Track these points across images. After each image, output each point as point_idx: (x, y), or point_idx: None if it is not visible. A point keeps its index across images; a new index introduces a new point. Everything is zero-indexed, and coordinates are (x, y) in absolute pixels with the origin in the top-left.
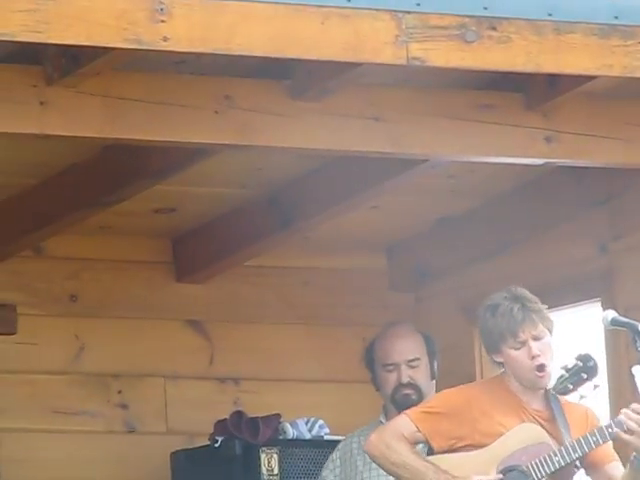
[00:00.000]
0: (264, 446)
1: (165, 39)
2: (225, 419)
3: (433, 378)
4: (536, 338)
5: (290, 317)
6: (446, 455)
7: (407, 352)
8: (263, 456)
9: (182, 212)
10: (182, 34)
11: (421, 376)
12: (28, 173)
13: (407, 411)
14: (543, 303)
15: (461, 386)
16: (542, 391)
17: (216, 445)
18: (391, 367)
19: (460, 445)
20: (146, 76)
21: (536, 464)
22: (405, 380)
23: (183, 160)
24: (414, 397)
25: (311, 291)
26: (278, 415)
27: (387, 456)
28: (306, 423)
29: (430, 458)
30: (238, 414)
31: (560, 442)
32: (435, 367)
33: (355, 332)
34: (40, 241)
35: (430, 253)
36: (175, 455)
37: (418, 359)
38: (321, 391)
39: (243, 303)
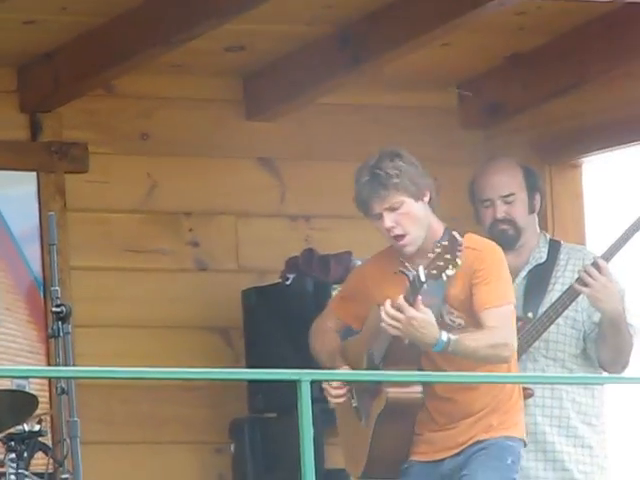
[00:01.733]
0: (335, 284)
1: None
2: (296, 257)
3: (532, 212)
4: (391, 209)
5: (361, 155)
6: (348, 339)
7: (501, 187)
8: (334, 293)
9: (252, 50)
10: None
11: (517, 211)
12: (98, 11)
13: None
14: (614, 139)
15: (361, 264)
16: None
17: (287, 283)
18: (487, 203)
19: None
20: None
21: (376, 347)
22: (500, 216)
23: None
24: (511, 232)
25: (382, 129)
26: (349, 252)
27: (313, 346)
28: None
29: (342, 343)
30: (309, 252)
31: None
32: (536, 201)
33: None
34: (111, 79)
35: (501, 90)
36: (246, 292)
37: (513, 194)
38: None
39: (314, 141)
